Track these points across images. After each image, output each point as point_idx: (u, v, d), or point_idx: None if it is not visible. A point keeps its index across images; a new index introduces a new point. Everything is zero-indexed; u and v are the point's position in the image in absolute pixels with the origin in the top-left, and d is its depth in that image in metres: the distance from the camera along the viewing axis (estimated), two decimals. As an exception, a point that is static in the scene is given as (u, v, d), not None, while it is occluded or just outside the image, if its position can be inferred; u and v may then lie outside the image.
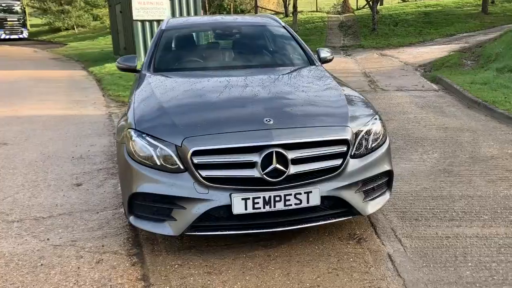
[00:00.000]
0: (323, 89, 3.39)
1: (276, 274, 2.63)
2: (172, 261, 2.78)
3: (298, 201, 2.69)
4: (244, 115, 2.87)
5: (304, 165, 2.71)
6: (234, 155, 2.64)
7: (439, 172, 4.22)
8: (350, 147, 2.80)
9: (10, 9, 30.45)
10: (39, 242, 3.03)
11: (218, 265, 2.73)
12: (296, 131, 2.76)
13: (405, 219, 3.29)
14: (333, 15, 24.13)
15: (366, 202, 2.94)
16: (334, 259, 2.79)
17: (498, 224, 3.18)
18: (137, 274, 2.65)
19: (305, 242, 2.99)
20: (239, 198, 2.62)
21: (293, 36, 4.45)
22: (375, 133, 3.02)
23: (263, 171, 2.62)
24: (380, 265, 2.71)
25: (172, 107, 3.00)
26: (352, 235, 3.08)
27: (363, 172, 2.88)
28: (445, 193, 3.72)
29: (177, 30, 4.43)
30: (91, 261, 2.79)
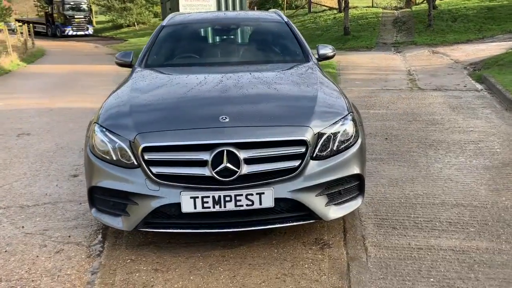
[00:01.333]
0: (299, 87, 3.25)
1: (222, 276, 2.57)
2: (127, 255, 2.80)
3: (250, 202, 2.61)
4: (202, 113, 2.82)
5: (258, 165, 2.62)
6: (185, 153, 2.61)
7: (441, 178, 3.93)
8: (308, 149, 2.67)
9: (78, 7, 32.27)
10: (14, 229, 3.17)
11: (168, 263, 2.71)
12: (251, 130, 2.67)
13: (381, 227, 3.09)
14: (388, 10, 23.31)
15: (330, 206, 2.80)
16: (288, 264, 2.69)
17: (482, 238, 2.91)
18: (88, 266, 2.69)
19: (266, 244, 2.90)
20: (188, 196, 2.58)
21: (294, 32, 4.32)
22: (344, 134, 2.86)
23: (214, 170, 2.56)
24: (333, 275, 2.57)
25: (137, 103, 3.02)
26: (318, 240, 2.95)
27: (326, 175, 2.74)
28: (437, 201, 3.47)
29: (176, 26, 4.45)
30: (51, 250, 2.88)
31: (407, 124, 5.88)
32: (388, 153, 4.72)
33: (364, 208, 3.38)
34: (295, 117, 2.80)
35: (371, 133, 5.52)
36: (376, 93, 8.37)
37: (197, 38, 4.40)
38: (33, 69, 14.31)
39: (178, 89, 3.20)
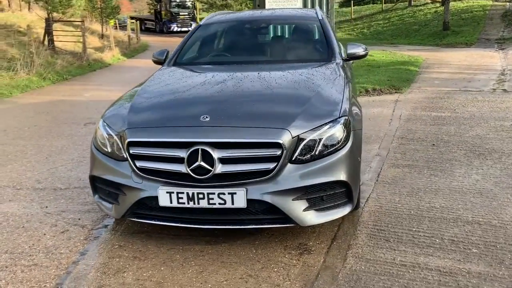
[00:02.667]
0: (297, 89, 3.18)
1: (191, 270, 2.66)
2: (117, 241, 3.01)
3: (222, 201, 2.65)
4: (186, 112, 2.91)
5: (232, 166, 2.65)
6: (165, 149, 2.73)
7: (471, 191, 3.59)
8: (284, 152, 2.63)
9: (183, 4, 34.18)
10: (38, 208, 3.56)
11: (149, 252, 2.86)
12: (228, 130, 2.70)
13: (374, 238, 2.94)
14: (499, 3, 21.22)
15: (309, 212, 2.73)
16: (259, 265, 2.68)
17: (481, 261, 2.62)
18: (81, 248, 2.95)
19: (248, 244, 2.92)
20: (164, 191, 2.70)
21: (325, 31, 4.21)
22: (331, 138, 2.76)
23: (190, 168, 2.65)
24: (298, 282, 2.51)
25: (139, 101, 3.19)
26: (302, 245, 2.89)
27: (305, 179, 2.68)
28: (451, 216, 3.18)
29: (211, 26, 4.58)
30: (58, 230, 3.19)
31: (467, 130, 5.42)
32: (427, 160, 4.40)
33: (366, 216, 3.23)
34: (275, 119, 2.76)
35: (420, 137, 5.19)
36: (450, 94, 7.78)
37: (227, 37, 4.49)
38: (130, 63, 15.55)
39: (179, 88, 3.33)
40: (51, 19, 13.72)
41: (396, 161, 4.41)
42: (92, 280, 2.58)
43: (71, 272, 2.66)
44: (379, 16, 25.78)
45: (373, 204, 3.43)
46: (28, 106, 7.88)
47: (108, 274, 2.64)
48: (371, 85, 8.70)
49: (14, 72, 10.07)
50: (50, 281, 2.57)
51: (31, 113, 7.17)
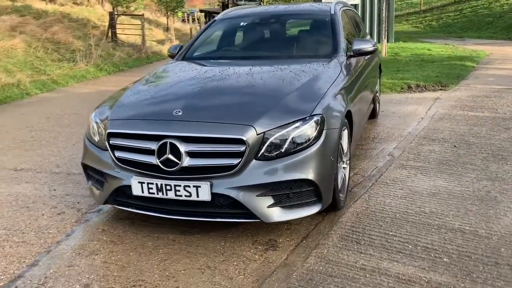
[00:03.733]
0: (278, 85, 3.15)
1: (156, 257, 2.77)
2: (102, 226, 3.21)
3: (188, 193, 2.74)
4: (163, 106, 3.01)
5: (199, 160, 2.73)
6: (139, 141, 2.86)
7: (472, 197, 3.39)
8: (247, 148, 2.65)
9: None
10: (47, 190, 3.87)
11: (126, 238, 3.02)
12: (196, 125, 2.77)
13: (345, 239, 2.88)
14: None
15: (274, 208, 2.75)
16: (221, 258, 2.74)
17: (446, 271, 2.49)
18: (69, 230, 3.17)
19: (220, 236, 2.99)
20: (136, 181, 2.84)
21: (334, 26, 4.12)
22: (300, 136, 2.75)
23: (159, 160, 2.76)
24: (251, 277, 2.54)
25: (128, 94, 3.36)
26: (270, 241, 2.90)
27: (269, 176, 2.70)
28: (437, 222, 3.04)
29: (224, 21, 4.65)
30: (55, 212, 3.45)
31: (499, 132, 5.07)
32: (440, 162, 4.19)
33: (348, 217, 3.17)
34: (241, 116, 2.79)
35: (444, 138, 4.93)
36: (499, 93, 7.28)
37: (236, 33, 4.53)
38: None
39: (168, 83, 3.45)
40: (114, 12, 14.49)
41: (406, 162, 4.24)
42: (65, 259, 2.78)
43: (51, 251, 2.89)
44: (451, 7, 24.36)
45: (360, 205, 3.35)
46: (78, 95, 8.46)
47: (82, 255, 2.83)
48: (416, 81, 8.33)
49: (74, 63, 10.82)
50: (30, 258, 2.81)
51: (76, 102, 7.70)
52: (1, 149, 5.13)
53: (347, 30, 4.59)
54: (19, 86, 8.38)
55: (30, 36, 12.02)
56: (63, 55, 11.28)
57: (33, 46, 11.08)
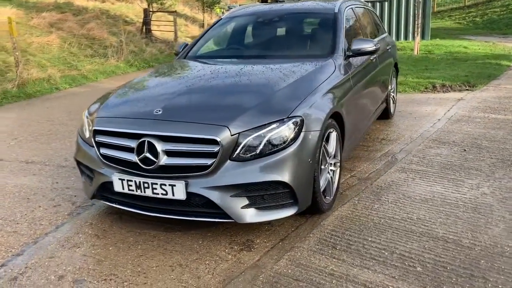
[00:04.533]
0: (263, 86, 3.14)
1: (133, 253, 2.84)
2: (91, 219, 3.31)
3: (164, 192, 2.79)
4: (146, 105, 3.05)
5: (176, 159, 2.77)
6: (121, 139, 2.93)
7: (464, 205, 3.26)
8: (221, 148, 2.67)
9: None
10: (50, 183, 4.03)
11: (110, 232, 3.11)
12: (173, 124, 2.80)
13: (322, 243, 2.84)
14: None
15: (248, 209, 2.75)
16: (195, 256, 2.77)
17: (416, 281, 2.41)
18: (60, 222, 3.30)
19: (200, 235, 3.02)
20: (117, 178, 2.92)
21: (336, 25, 4.04)
22: (276, 138, 2.73)
23: (138, 158, 2.83)
24: (219, 277, 2.55)
25: (120, 92, 3.44)
26: (247, 242, 2.91)
27: (243, 177, 2.70)
28: (421, 230, 2.94)
29: (230, 19, 4.67)
30: (52, 204, 3.59)
31: None
32: (444, 166, 4.05)
33: (330, 220, 3.12)
34: (217, 116, 2.79)
35: (455, 141, 4.76)
36: (527, 95, 6.91)
37: (238, 32, 4.53)
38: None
39: (158, 82, 3.51)
40: (149, 9, 14.81)
41: (408, 165, 4.12)
42: (49, 251, 2.90)
43: (37, 242, 3.01)
44: (497, 3, 23.26)
45: (347, 209, 3.29)
46: (104, 90, 8.67)
47: (65, 247, 2.94)
48: (442, 80, 8.05)
49: (106, 59, 11.15)
50: (17, 248, 2.95)
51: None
52: (19, 141, 5.38)
53: (354, 28, 4.50)
54: (50, 80, 8.74)
55: (66, 32, 12.49)
56: (96, 50, 11.66)
57: (68, 42, 11.50)
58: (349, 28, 4.29)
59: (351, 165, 4.23)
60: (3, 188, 3.95)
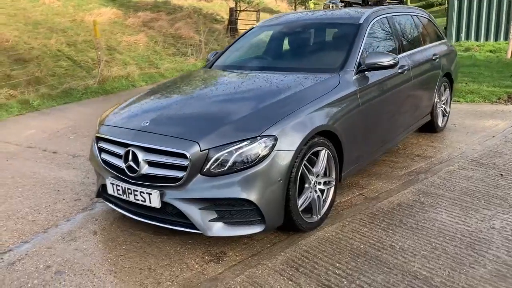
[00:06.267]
0: (249, 101, 3.19)
1: (116, 252, 3.08)
2: (99, 216, 3.63)
3: (143, 199, 3.00)
4: (141, 116, 3.25)
5: (154, 169, 2.96)
6: (114, 146, 3.19)
7: (463, 239, 3.02)
8: (190, 162, 2.79)
9: (391, -13, 32.85)
10: (81, 178, 4.46)
11: (107, 230, 3.39)
12: (152, 136, 2.98)
13: (288, 263, 2.83)
14: None
15: (216, 223, 2.85)
16: (166, 262, 2.94)
17: (359, 316, 2.33)
18: (73, 216, 3.67)
19: (180, 241, 3.17)
20: (109, 182, 3.19)
21: (355, 37, 3.91)
22: (246, 156, 2.79)
23: (125, 165, 3.07)
24: (177, 285, 2.68)
25: (130, 102, 3.71)
26: (220, 254, 3.01)
27: (212, 191, 2.80)
28: (395, 262, 2.79)
29: (260, 28, 4.73)
30: (74, 198, 4.00)
31: None
32: (465, 192, 3.74)
33: (310, 240, 3.09)
34: (191, 131, 2.91)
35: (496, 164, 4.36)
36: None
37: (261, 42, 4.57)
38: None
39: (166, 92, 3.70)
40: (234, 8, 15.27)
41: (427, 188, 3.86)
42: (50, 241, 3.26)
43: (46, 233, 3.41)
44: None
45: (333, 230, 3.22)
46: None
47: (65, 239, 3.29)
48: (519, 91, 7.26)
49: (186, 58, 11.79)
50: (28, 236, 3.37)
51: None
52: (78, 135, 6.01)
53: (385, 40, 4.31)
54: (128, 78, 9.51)
55: (156, 31, 13.41)
56: (179, 49, 12.36)
57: (154, 40, 12.35)
58: (375, 40, 4.12)
59: (366, 182, 4.09)
60: (44, 179, 4.48)
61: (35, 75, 8.73)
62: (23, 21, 11.54)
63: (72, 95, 8.41)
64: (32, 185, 4.32)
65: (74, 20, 12.58)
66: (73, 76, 9.13)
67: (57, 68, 9.39)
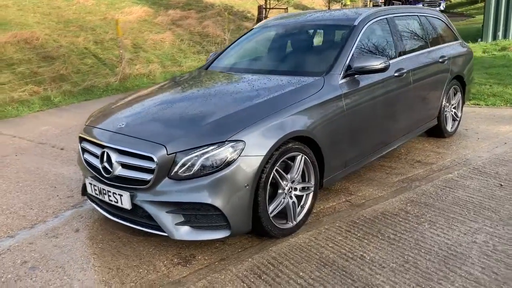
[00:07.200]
0: (223, 106, 3.17)
1: (91, 250, 3.15)
2: (85, 213, 3.72)
3: (116, 200, 3.05)
4: (120, 118, 3.30)
5: (127, 171, 3.00)
6: (93, 147, 3.27)
7: (439, 252, 2.90)
8: (157, 166, 2.81)
9: (433, -17, 31.78)
10: (80, 175, 4.59)
11: (89, 228, 3.48)
12: (123, 138, 3.02)
13: (251, 270, 2.80)
14: None
15: (182, 226, 2.87)
16: (136, 262, 2.98)
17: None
18: (62, 212, 3.78)
19: (154, 243, 3.21)
20: (88, 181, 3.27)
21: (348, 39, 3.82)
22: (212, 160, 2.78)
23: (101, 166, 3.13)
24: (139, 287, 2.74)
25: (121, 101, 3.78)
26: (189, 257, 3.02)
27: (178, 195, 2.82)
28: (360, 273, 2.71)
29: (258, 30, 4.69)
30: (67, 195, 4.11)
31: None
32: (456, 203, 3.60)
33: (281, 246, 3.05)
34: (159, 135, 2.92)
35: (498, 173, 4.17)
36: None
37: (256, 43, 4.52)
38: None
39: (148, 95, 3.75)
40: (263, 6, 15.24)
41: (417, 197, 3.73)
42: (34, 237, 3.38)
43: (32, 228, 3.53)
44: None
45: (306, 237, 3.16)
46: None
47: (48, 236, 3.40)
48: (548, 94, 6.86)
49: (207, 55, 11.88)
50: (15, 230, 3.50)
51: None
52: (89, 133, 6.18)
53: (382, 42, 4.18)
54: (149, 76, 9.69)
55: (183, 29, 13.58)
56: (204, 47, 12.47)
57: (180, 39, 12.51)
58: (371, 43, 4.01)
59: (356, 187, 3.99)
60: (45, 175, 4.64)
61: (60, 73, 9.04)
62: (55, 20, 11.97)
63: (93, 92, 8.66)
64: (32, 181, 4.49)
65: (105, 18, 12.93)
66: (96, 74, 9.40)
67: (82, 65, 9.69)
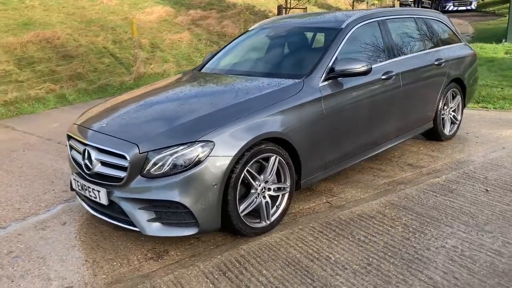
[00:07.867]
0: (198, 107, 3.27)
1: (74, 242, 3.31)
2: (75, 207, 3.90)
3: (94, 196, 3.20)
4: (103, 117, 3.45)
5: (104, 168, 3.14)
6: (77, 144, 3.42)
7: (408, 254, 2.91)
8: (130, 164, 2.93)
9: (463, -19, 30.97)
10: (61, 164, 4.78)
11: (78, 222, 3.64)
12: (101, 136, 3.16)
13: (218, 267, 2.89)
14: None
15: (153, 223, 2.98)
16: (111, 256, 3.10)
17: (256, 325, 2.36)
18: (54, 206, 3.97)
19: (133, 237, 3.33)
20: (72, 177, 3.44)
21: (333, 42, 3.84)
22: (182, 159, 2.88)
23: (83, 163, 3.29)
24: (107, 279, 2.85)
25: (110, 100, 3.93)
26: (162, 253, 3.13)
27: (149, 193, 2.94)
28: (322, 274, 2.76)
29: (252, 32, 4.76)
30: (62, 189, 4.30)
31: None
32: (436, 207, 3.58)
33: (251, 245, 3.12)
34: (132, 134, 3.05)
35: (487, 178, 4.12)
36: None
37: (246, 46, 4.59)
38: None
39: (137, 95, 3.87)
40: (282, 6, 15.27)
41: (398, 200, 3.72)
42: (23, 229, 3.56)
43: (24, 220, 3.73)
44: None
45: (278, 236, 3.22)
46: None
47: (36, 228, 3.58)
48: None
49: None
50: (8, 221, 3.70)
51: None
52: (95, 130, 6.39)
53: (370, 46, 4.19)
54: (163, 75, 9.90)
55: (202, 29, 13.76)
56: (221, 47, 12.60)
57: (198, 38, 12.69)
58: (357, 46, 4.03)
59: (340, 189, 4.02)
60: (45, 170, 4.86)
61: (77, 71, 9.35)
62: (78, 20, 12.35)
63: (107, 90, 8.92)
64: (33, 175, 4.71)
65: (126, 18, 13.24)
66: (112, 73, 9.67)
67: (99, 64, 9.98)
